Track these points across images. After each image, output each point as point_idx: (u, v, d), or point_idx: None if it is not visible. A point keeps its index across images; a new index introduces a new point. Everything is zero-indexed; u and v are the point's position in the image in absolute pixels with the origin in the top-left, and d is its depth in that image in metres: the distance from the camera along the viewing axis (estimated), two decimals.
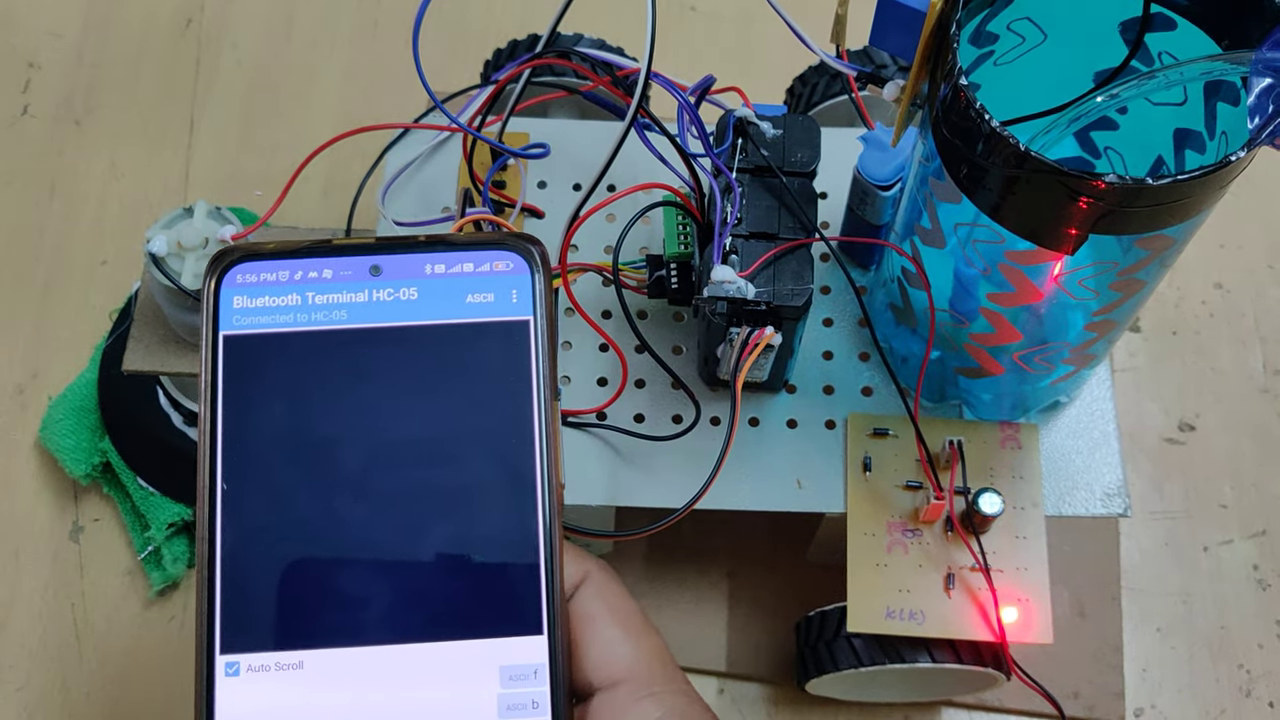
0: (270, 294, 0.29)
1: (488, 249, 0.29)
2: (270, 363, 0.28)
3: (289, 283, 0.29)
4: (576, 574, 0.29)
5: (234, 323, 0.29)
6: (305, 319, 0.29)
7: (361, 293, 0.29)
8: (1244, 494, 0.58)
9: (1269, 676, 0.55)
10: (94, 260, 0.62)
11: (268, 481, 0.28)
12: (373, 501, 0.28)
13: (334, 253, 0.29)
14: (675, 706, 0.28)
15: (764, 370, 0.44)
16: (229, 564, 0.27)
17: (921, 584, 0.45)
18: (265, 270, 0.29)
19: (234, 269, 0.29)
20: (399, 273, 0.29)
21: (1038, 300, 0.40)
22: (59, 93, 0.66)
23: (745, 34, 0.69)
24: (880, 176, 0.45)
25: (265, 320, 0.29)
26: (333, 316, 0.29)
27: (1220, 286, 0.62)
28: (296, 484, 0.28)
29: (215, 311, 0.28)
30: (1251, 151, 0.33)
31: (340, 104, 0.66)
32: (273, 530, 0.28)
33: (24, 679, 0.53)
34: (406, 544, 0.28)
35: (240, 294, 0.29)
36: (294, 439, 0.28)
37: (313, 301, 0.29)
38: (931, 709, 0.54)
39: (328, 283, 0.29)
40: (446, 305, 0.29)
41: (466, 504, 0.28)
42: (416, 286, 0.29)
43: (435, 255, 0.29)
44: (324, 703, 0.27)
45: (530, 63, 0.43)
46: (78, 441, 0.56)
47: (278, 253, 0.29)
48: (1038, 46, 0.41)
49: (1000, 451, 0.46)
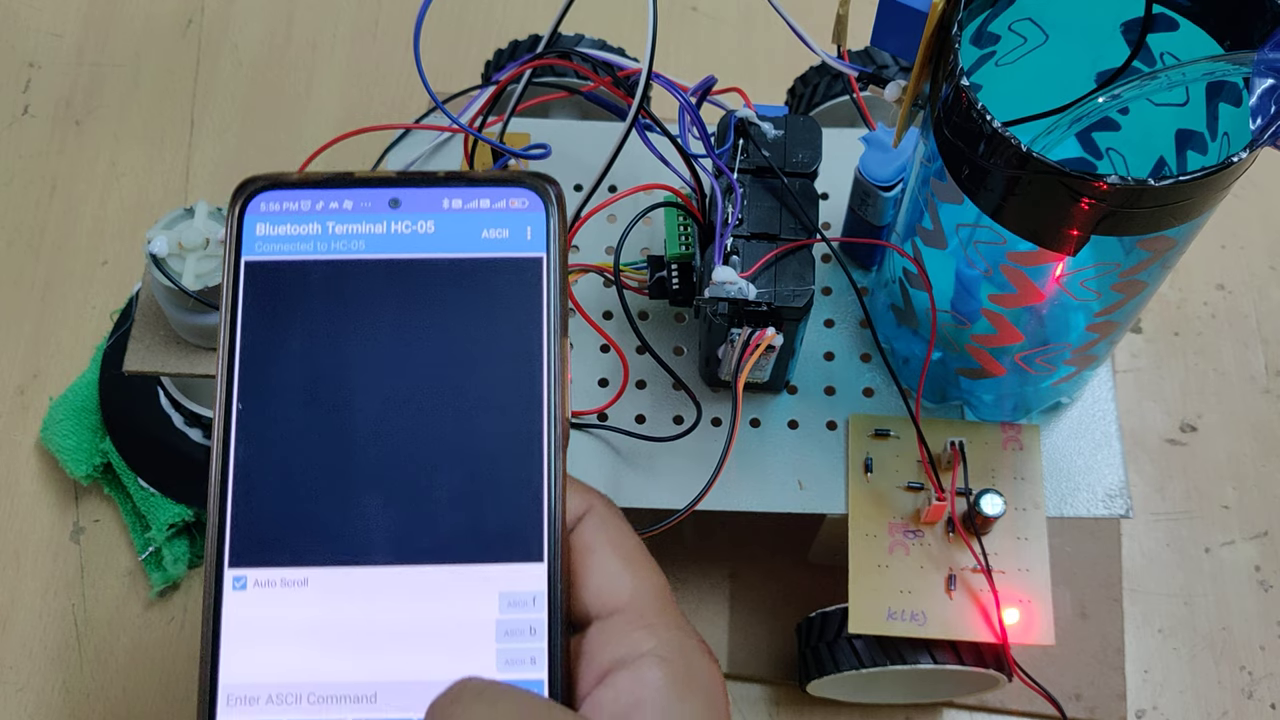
0: (292, 222, 0.29)
1: (505, 186, 0.30)
2: (289, 289, 0.29)
3: (310, 212, 0.29)
4: (580, 506, 0.30)
5: (256, 249, 0.29)
6: (325, 248, 0.29)
7: (380, 224, 0.29)
8: (1246, 495, 0.58)
9: (1271, 678, 0.55)
10: (95, 261, 0.62)
11: (281, 403, 0.29)
12: (382, 426, 0.29)
13: (355, 184, 0.30)
14: (670, 640, 0.28)
15: (765, 371, 0.44)
16: (240, 481, 0.28)
17: (923, 585, 0.45)
18: (288, 199, 0.30)
19: (258, 197, 0.30)
20: (417, 206, 0.30)
21: (1039, 301, 0.40)
22: (59, 93, 0.66)
23: (746, 34, 0.69)
24: (882, 177, 0.45)
25: (286, 248, 0.29)
26: (351, 246, 0.29)
27: (1222, 287, 0.62)
28: (309, 407, 0.29)
29: (238, 237, 0.29)
30: (1253, 152, 0.33)
31: (341, 104, 0.66)
32: (284, 450, 0.29)
33: (24, 679, 0.53)
34: (413, 468, 0.28)
35: (263, 221, 0.29)
36: (308, 363, 0.29)
37: (333, 231, 0.29)
38: (933, 710, 0.54)
39: (348, 213, 0.29)
40: (462, 239, 0.29)
41: (474, 433, 0.29)
42: (434, 220, 0.30)
43: (453, 190, 0.30)
44: (326, 619, 0.28)
45: (531, 63, 0.43)
46: (78, 442, 0.56)
47: (301, 182, 0.30)
48: (1039, 47, 0.41)
49: (1002, 452, 0.46)
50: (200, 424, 0.54)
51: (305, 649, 0.28)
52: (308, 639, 0.28)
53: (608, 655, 0.28)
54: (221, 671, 0.28)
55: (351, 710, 0.27)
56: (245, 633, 0.28)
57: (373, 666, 0.28)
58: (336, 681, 0.28)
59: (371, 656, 0.28)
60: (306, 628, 0.28)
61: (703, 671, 0.28)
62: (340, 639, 0.28)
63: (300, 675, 0.28)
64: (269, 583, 0.28)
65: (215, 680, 0.27)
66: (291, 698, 0.27)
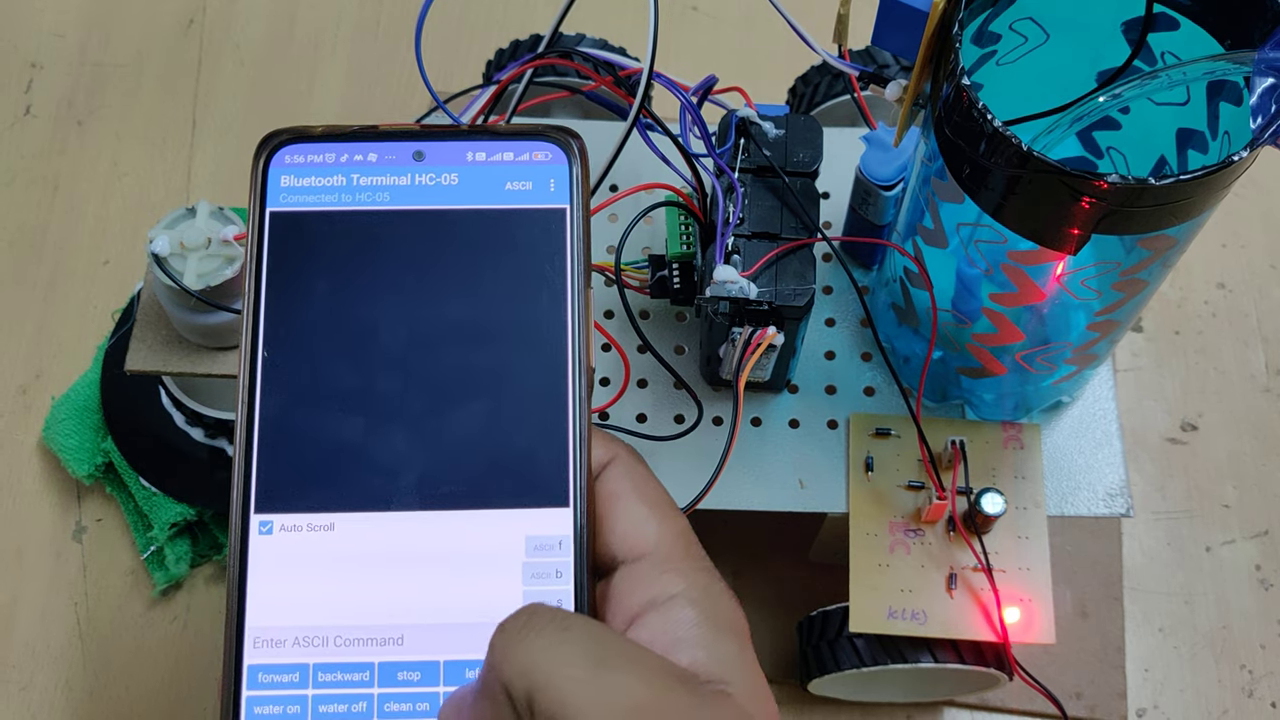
0: (316, 174, 0.30)
1: (528, 139, 0.30)
2: (314, 239, 0.30)
3: (335, 164, 0.30)
4: (604, 455, 0.30)
5: (280, 200, 0.30)
6: (349, 199, 0.30)
7: (404, 176, 0.30)
8: (1246, 494, 0.58)
9: (1271, 677, 0.55)
10: (96, 260, 0.62)
11: (307, 351, 0.29)
12: (407, 374, 0.29)
13: (379, 138, 0.30)
14: (697, 581, 0.28)
15: (766, 370, 0.44)
16: (266, 427, 0.29)
17: (924, 584, 0.45)
18: (312, 152, 0.30)
19: (283, 149, 0.30)
20: (441, 159, 0.30)
21: (1040, 300, 0.40)
22: (61, 93, 0.66)
23: (747, 34, 0.69)
24: (882, 176, 0.45)
25: (310, 199, 0.30)
26: (376, 198, 0.30)
27: (1223, 286, 0.62)
28: (334, 354, 0.29)
29: (263, 189, 0.30)
30: (1254, 151, 0.33)
31: (343, 104, 0.66)
32: (310, 397, 0.29)
33: (27, 679, 0.53)
34: (440, 415, 0.29)
35: (287, 173, 0.30)
36: (333, 312, 0.29)
37: (357, 183, 0.30)
38: (934, 709, 0.54)
39: (372, 165, 0.30)
40: (486, 191, 0.30)
41: (499, 380, 0.29)
42: (457, 172, 0.30)
43: (477, 143, 0.30)
44: (353, 562, 0.28)
45: (532, 63, 0.43)
46: (80, 441, 0.56)
47: (325, 135, 0.30)
48: (1040, 46, 0.41)
49: (1002, 451, 0.46)
50: (202, 423, 0.54)
51: (332, 592, 0.28)
52: (334, 583, 0.28)
53: (636, 599, 0.28)
54: (248, 615, 0.28)
55: (378, 652, 0.28)
56: (272, 577, 0.28)
57: (399, 609, 0.28)
58: (363, 624, 0.28)
59: (398, 600, 0.28)
60: (333, 572, 0.28)
61: (730, 609, 0.29)
62: (367, 583, 0.28)
63: (327, 618, 0.28)
64: (295, 528, 0.28)
65: (242, 624, 0.28)
66: (319, 640, 0.28)
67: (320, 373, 0.29)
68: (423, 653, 0.28)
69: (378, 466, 0.29)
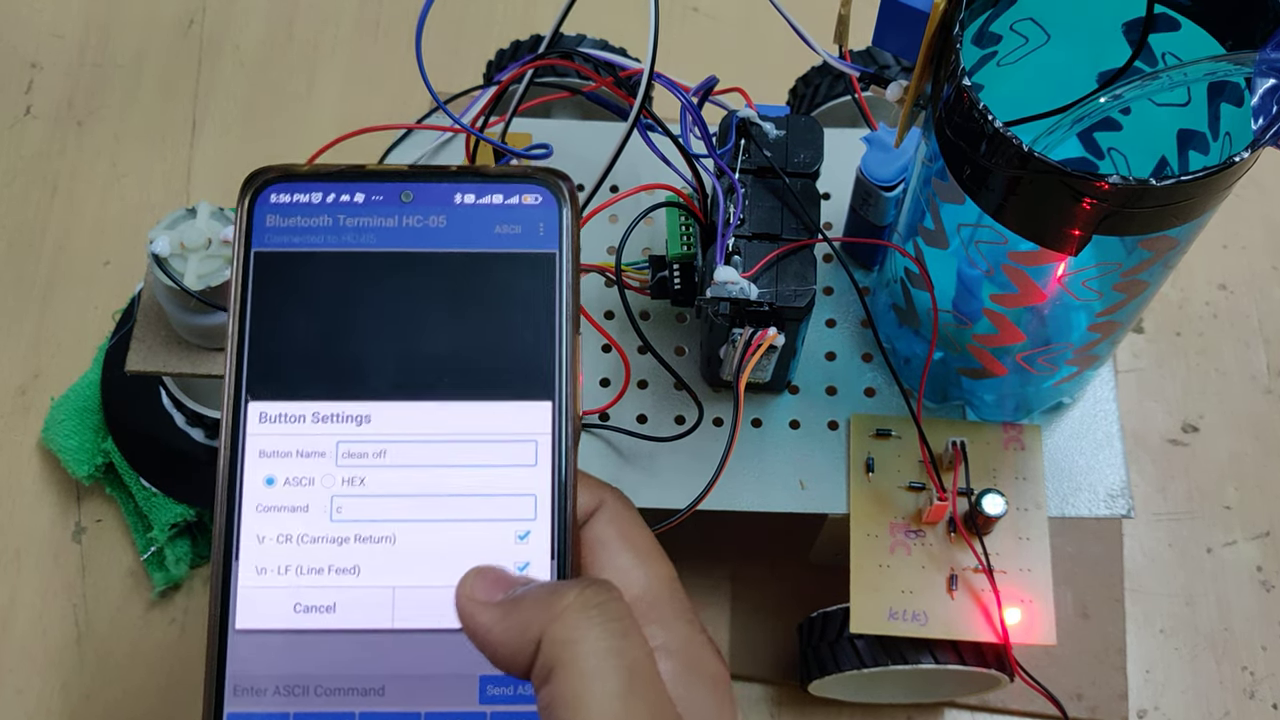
0: (302, 214, 0.29)
1: (517, 182, 0.30)
2: (299, 280, 0.29)
3: (321, 205, 0.30)
4: (591, 502, 0.30)
5: (265, 240, 0.29)
6: (335, 240, 0.29)
7: (391, 218, 0.30)
8: (1247, 495, 0.58)
9: (1273, 678, 0.55)
10: (96, 261, 0.62)
11: (291, 395, 0.29)
12: (389, 421, 0.29)
13: (367, 178, 0.30)
14: (678, 633, 0.28)
15: (766, 371, 0.44)
16: (252, 487, 0.29)
17: (924, 585, 0.45)
18: (299, 191, 0.30)
19: (269, 189, 0.30)
20: (429, 200, 0.30)
21: (1041, 301, 0.40)
22: (61, 93, 0.66)
23: (748, 35, 0.68)
24: (883, 177, 0.45)
25: (296, 240, 0.29)
26: (362, 239, 0.29)
27: (1224, 287, 0.62)
28: (319, 398, 0.29)
29: (249, 228, 0.29)
30: (1255, 152, 0.33)
31: (342, 104, 0.66)
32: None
33: (25, 681, 0.53)
34: (422, 468, 0.29)
35: (273, 213, 0.29)
36: (317, 356, 0.29)
37: (343, 224, 0.29)
38: (934, 710, 0.54)
39: (359, 206, 0.30)
40: (474, 234, 0.30)
41: (485, 428, 0.29)
42: (445, 214, 0.30)
43: (465, 185, 0.30)
44: (337, 620, 0.28)
45: (533, 63, 0.43)
46: (80, 442, 0.56)
47: (311, 175, 0.30)
48: (1041, 47, 0.41)
49: (1003, 452, 0.46)
50: (202, 424, 0.54)
51: (314, 642, 0.28)
52: (316, 638, 0.28)
53: None
54: (229, 664, 0.28)
55: (359, 702, 0.27)
56: (255, 626, 0.28)
57: (381, 661, 0.28)
58: (345, 675, 0.28)
59: (380, 651, 0.28)
60: (316, 625, 0.28)
61: (708, 664, 0.28)
62: (348, 636, 0.28)
63: (309, 668, 0.28)
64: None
65: (223, 673, 0.28)
66: (300, 689, 0.27)
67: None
68: (404, 704, 0.27)
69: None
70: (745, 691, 0.54)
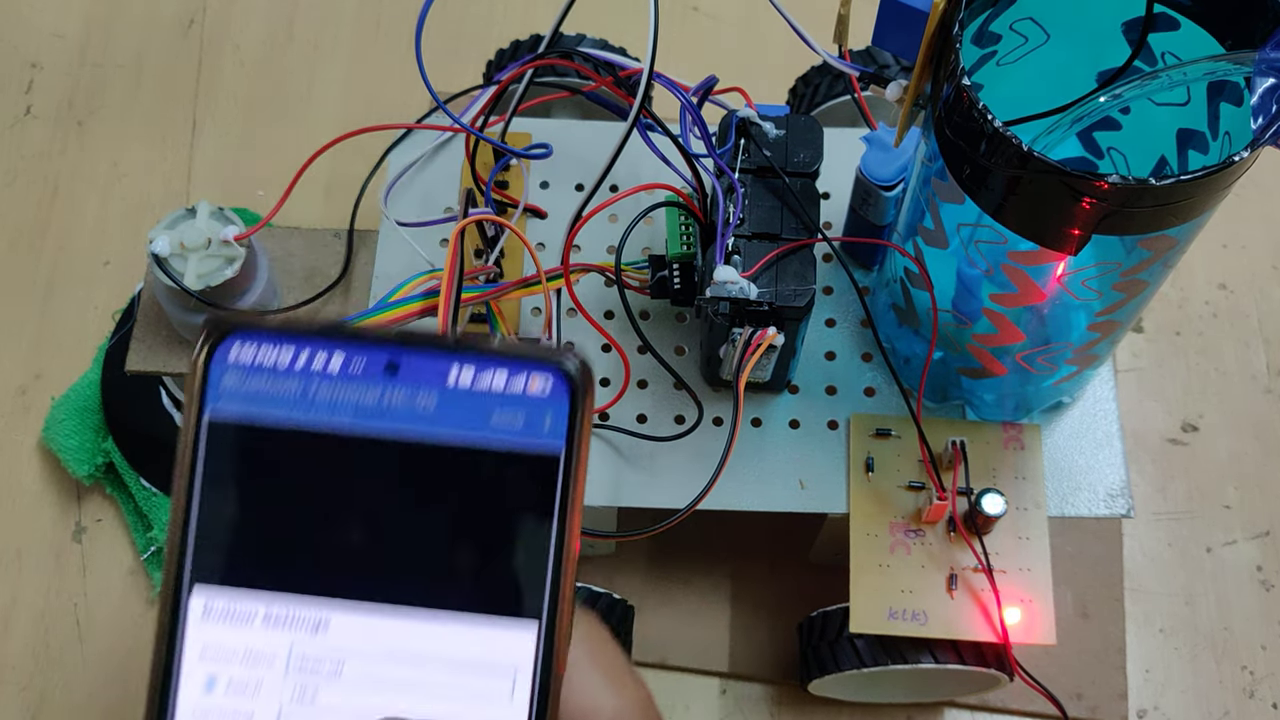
0: (267, 378, 0.25)
1: (525, 362, 0.25)
2: (258, 458, 0.25)
3: (290, 368, 0.25)
4: None
5: (221, 406, 0.25)
6: (304, 414, 0.25)
7: (372, 392, 0.25)
8: (1247, 495, 0.58)
9: (1272, 678, 0.55)
10: (97, 261, 0.62)
11: (243, 590, 0.25)
12: (355, 633, 0.25)
13: (349, 339, 0.25)
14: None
15: (766, 371, 0.44)
16: (189, 682, 0.26)
17: (924, 585, 0.45)
18: (265, 349, 0.25)
19: (230, 339, 0.25)
20: (418, 375, 0.25)
21: (1040, 301, 0.40)
22: (61, 93, 0.66)
23: (748, 34, 0.69)
24: (883, 177, 0.45)
25: (258, 408, 0.25)
26: (335, 416, 0.25)
27: (1224, 287, 0.62)
28: (273, 593, 0.26)
29: (202, 388, 0.25)
30: (1255, 152, 0.33)
31: (342, 104, 0.66)
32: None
33: (26, 679, 0.53)
34: (393, 692, 0.25)
35: (233, 372, 0.25)
36: (274, 545, 0.25)
37: (315, 394, 0.25)
38: (934, 710, 0.54)
39: (334, 375, 0.25)
40: (467, 421, 0.25)
41: (462, 650, 0.26)
42: (436, 394, 0.25)
43: (463, 362, 0.25)
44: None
45: (533, 63, 0.43)
46: (80, 442, 0.56)
47: (282, 329, 0.25)
48: (1041, 47, 0.41)
49: (1003, 452, 0.46)
50: None
51: None
52: None
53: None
54: None
55: None
56: None
57: None
58: None
59: None
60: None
61: None
62: None
63: None
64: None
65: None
66: None
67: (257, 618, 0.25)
68: None
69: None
70: (745, 691, 0.54)
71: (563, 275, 0.43)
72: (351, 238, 0.51)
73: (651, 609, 0.54)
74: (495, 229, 0.45)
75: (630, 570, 0.55)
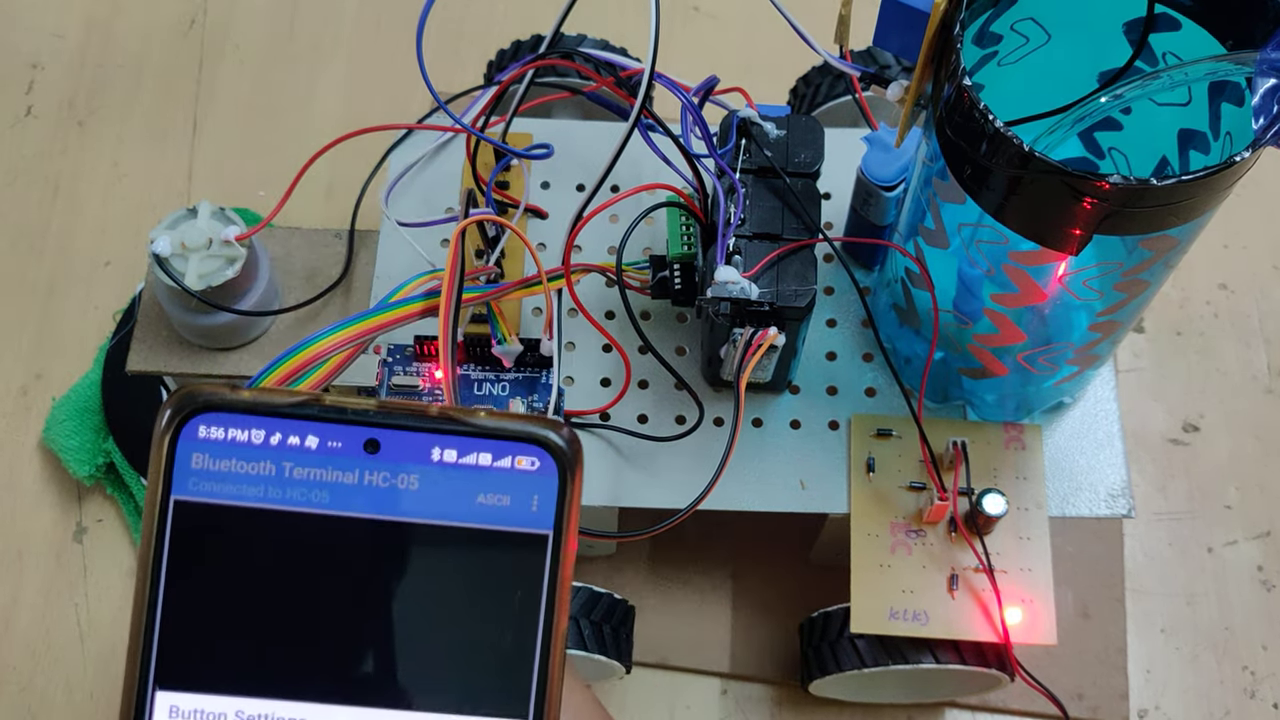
0: (238, 457, 0.24)
1: (512, 441, 0.24)
2: (228, 542, 0.24)
3: (263, 446, 0.24)
4: None
5: (189, 487, 0.24)
6: (278, 495, 0.24)
7: (351, 473, 0.24)
8: (1248, 495, 0.58)
9: (1273, 678, 0.55)
10: (98, 261, 0.62)
11: (211, 686, 0.24)
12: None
13: (323, 417, 0.24)
14: None
15: (767, 371, 0.44)
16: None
17: (925, 585, 0.45)
18: (236, 427, 0.24)
19: (198, 418, 0.24)
20: (399, 454, 0.24)
21: (1042, 301, 0.40)
22: (62, 93, 0.66)
23: (748, 35, 0.69)
24: (884, 177, 0.45)
25: (228, 490, 0.24)
26: (311, 498, 0.24)
27: (1225, 287, 0.62)
28: (242, 686, 0.25)
29: (169, 467, 0.24)
30: (1256, 152, 0.33)
31: (343, 104, 0.66)
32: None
33: (27, 679, 0.53)
34: None
35: (201, 451, 0.24)
36: (245, 641, 0.24)
37: (290, 474, 0.24)
38: (935, 710, 0.54)
39: (311, 453, 0.24)
40: (451, 503, 0.24)
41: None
42: (419, 474, 0.24)
43: (446, 439, 0.24)
44: None
45: (534, 63, 0.43)
46: (81, 442, 0.56)
47: (254, 407, 0.24)
48: (1042, 47, 0.41)
49: (1004, 452, 0.46)
50: None
51: None
52: None
53: None
54: None
55: None
56: None
57: None
58: None
59: None
60: None
61: None
62: None
63: None
64: None
65: None
66: None
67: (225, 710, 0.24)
68: None
69: None
70: (746, 691, 0.54)
71: (564, 275, 0.43)
72: (352, 238, 0.51)
73: (652, 609, 0.54)
74: (496, 229, 0.45)
75: (631, 570, 0.55)
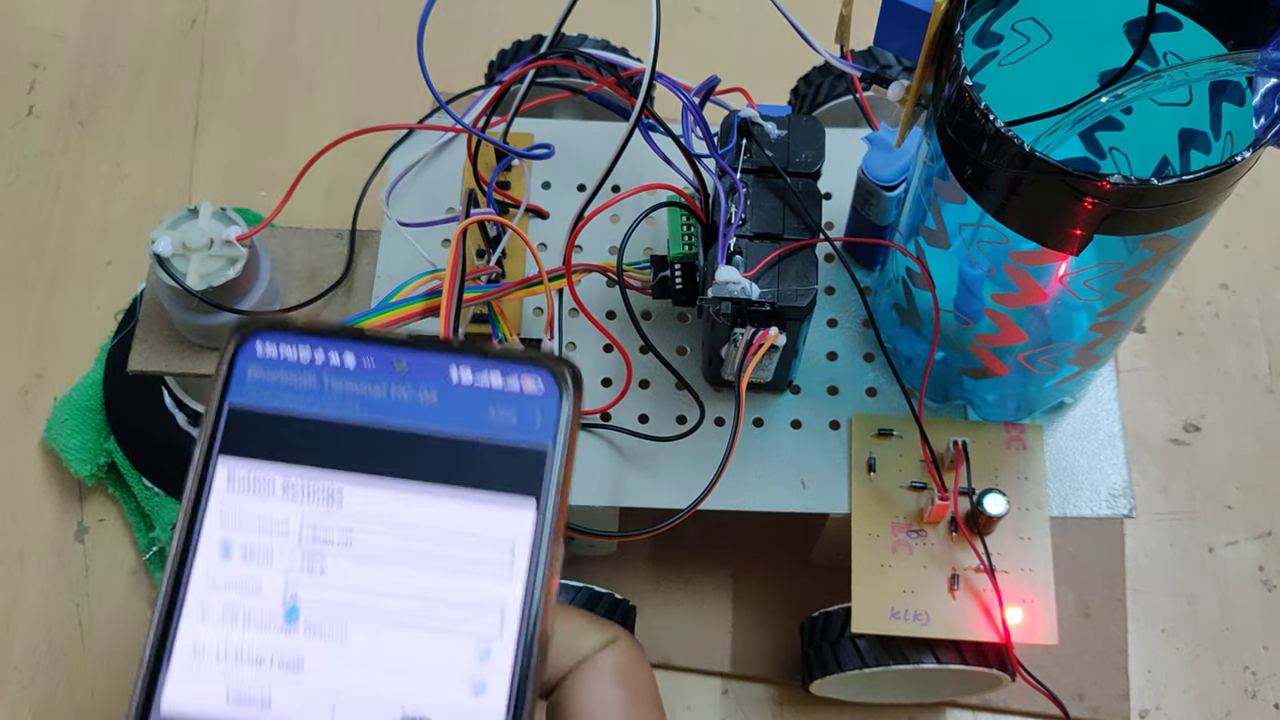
0: (287, 371, 0.27)
1: (520, 365, 0.28)
2: (271, 443, 0.27)
3: (309, 364, 0.27)
4: (600, 639, 0.29)
5: (243, 394, 0.27)
6: (318, 405, 0.27)
7: (380, 387, 0.28)
8: (1249, 495, 0.58)
9: (1274, 678, 0.55)
10: (99, 261, 0.62)
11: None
12: (347, 609, 0.27)
13: (362, 341, 0.28)
14: None
15: (768, 371, 0.44)
16: (184, 645, 0.26)
17: (926, 585, 0.45)
18: (287, 346, 0.28)
19: (255, 337, 0.27)
20: (422, 373, 0.28)
21: (1042, 301, 0.40)
22: (63, 93, 0.66)
23: (749, 35, 0.69)
24: (885, 177, 0.45)
25: (276, 399, 0.27)
26: (345, 408, 0.27)
27: (1226, 287, 0.62)
28: (275, 570, 0.27)
29: (228, 378, 0.27)
30: (1257, 152, 0.33)
31: (344, 104, 0.66)
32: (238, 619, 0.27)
33: (28, 679, 0.53)
34: (372, 663, 0.27)
35: (257, 365, 0.27)
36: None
37: (329, 388, 0.28)
38: (936, 710, 0.54)
39: (348, 371, 0.28)
40: (464, 416, 0.28)
41: (443, 635, 0.27)
42: (437, 390, 0.28)
43: (463, 361, 0.28)
44: None
45: (535, 63, 0.43)
46: (83, 442, 0.56)
47: (304, 330, 0.28)
48: (1043, 47, 0.41)
49: (1005, 452, 0.46)
50: None
51: None
52: None
53: None
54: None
55: None
56: None
57: None
58: None
59: None
60: None
61: None
62: None
63: None
64: None
65: None
66: None
67: (252, 584, 0.27)
68: None
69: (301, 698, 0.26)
70: (747, 691, 0.54)
71: (565, 275, 0.43)
72: (353, 238, 0.51)
73: (653, 609, 0.54)
74: (497, 229, 0.45)
75: (632, 570, 0.55)
